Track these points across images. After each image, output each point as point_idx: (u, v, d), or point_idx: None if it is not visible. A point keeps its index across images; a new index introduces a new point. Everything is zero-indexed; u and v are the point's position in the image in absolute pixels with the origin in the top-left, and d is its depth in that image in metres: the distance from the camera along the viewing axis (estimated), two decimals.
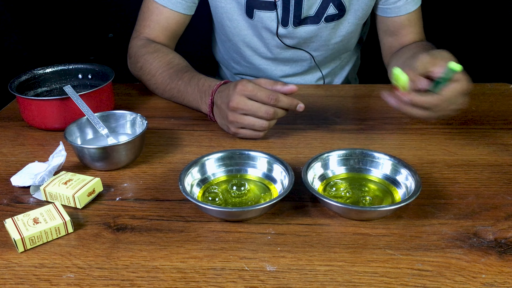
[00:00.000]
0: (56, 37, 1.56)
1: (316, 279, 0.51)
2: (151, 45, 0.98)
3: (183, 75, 0.90)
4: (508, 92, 0.98)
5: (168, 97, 0.94)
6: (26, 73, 0.90)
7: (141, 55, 0.96)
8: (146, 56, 0.96)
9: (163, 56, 0.95)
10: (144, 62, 0.96)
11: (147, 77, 0.96)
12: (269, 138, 0.81)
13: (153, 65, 0.94)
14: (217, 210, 0.59)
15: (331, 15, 0.99)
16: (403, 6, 1.00)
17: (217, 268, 0.53)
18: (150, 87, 0.97)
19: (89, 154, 0.70)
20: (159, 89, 0.95)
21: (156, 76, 0.93)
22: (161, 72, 0.93)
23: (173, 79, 0.91)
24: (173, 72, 0.92)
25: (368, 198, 0.64)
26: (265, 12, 0.98)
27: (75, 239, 0.58)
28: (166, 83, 0.92)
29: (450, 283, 0.51)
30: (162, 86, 0.93)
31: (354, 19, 1.02)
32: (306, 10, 0.98)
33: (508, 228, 0.59)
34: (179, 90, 0.90)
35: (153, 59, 0.95)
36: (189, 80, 0.88)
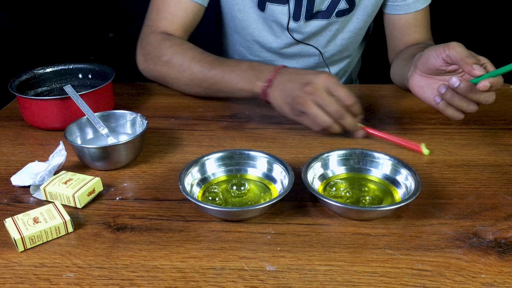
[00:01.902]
0: (56, 37, 1.56)
1: (316, 279, 0.51)
2: (174, 38, 0.94)
3: (225, 61, 0.88)
4: (508, 92, 0.98)
5: (205, 86, 0.89)
6: (26, 72, 0.90)
7: (168, 47, 0.92)
8: (175, 48, 0.91)
9: (193, 47, 0.92)
10: (173, 54, 0.91)
11: (178, 69, 0.91)
12: (269, 138, 0.81)
13: (186, 55, 0.90)
14: (217, 210, 0.59)
15: (342, 10, 0.99)
16: (413, 3, 0.99)
17: (217, 268, 0.53)
18: (179, 81, 0.92)
19: (89, 154, 0.70)
20: (195, 80, 0.89)
21: (192, 65, 0.89)
22: (198, 60, 0.89)
23: (214, 65, 0.87)
24: (213, 59, 0.89)
25: (368, 198, 0.64)
26: (278, 5, 0.97)
27: (75, 238, 0.58)
28: (205, 71, 0.87)
29: (450, 283, 0.51)
30: (200, 75, 0.88)
31: (363, 15, 1.02)
32: (318, 5, 0.97)
33: (508, 228, 0.59)
34: (224, 74, 0.86)
35: (184, 50, 0.91)
36: (237, 63, 0.86)
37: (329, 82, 0.74)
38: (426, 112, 0.90)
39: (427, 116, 0.88)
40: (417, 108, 0.92)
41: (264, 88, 0.81)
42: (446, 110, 0.74)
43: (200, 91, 0.92)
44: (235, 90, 0.86)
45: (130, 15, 1.57)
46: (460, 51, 0.71)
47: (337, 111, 0.74)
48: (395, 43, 1.05)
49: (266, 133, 0.83)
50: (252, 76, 0.83)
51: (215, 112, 0.91)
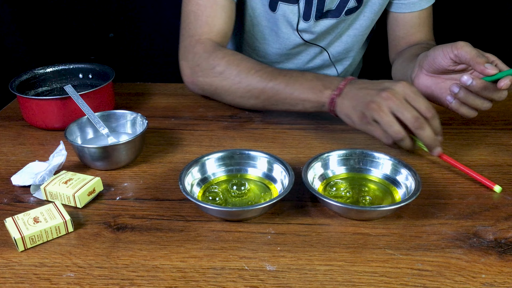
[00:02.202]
0: (56, 37, 1.56)
1: (316, 279, 0.52)
2: (225, 49, 0.90)
3: (288, 72, 0.83)
4: (508, 92, 0.98)
5: (264, 98, 0.83)
6: (27, 72, 0.90)
7: (220, 58, 0.86)
8: (228, 59, 0.86)
9: (247, 58, 0.87)
10: (227, 65, 0.85)
11: (233, 80, 0.85)
12: (269, 138, 0.81)
13: (242, 66, 0.85)
14: (217, 210, 0.59)
15: (351, 8, 0.99)
16: (418, 2, 0.99)
17: (217, 268, 0.53)
18: (235, 93, 0.86)
19: (89, 154, 0.70)
20: (253, 90, 0.84)
21: (250, 76, 0.83)
22: (256, 71, 0.83)
23: (275, 76, 0.82)
24: (273, 70, 0.84)
25: (368, 198, 0.64)
26: (288, 5, 0.97)
27: (75, 238, 0.58)
28: (265, 81, 0.82)
29: (450, 283, 0.51)
30: (258, 86, 0.83)
31: (370, 13, 1.01)
32: (329, 4, 0.97)
33: (508, 228, 0.59)
34: (287, 83, 0.80)
35: (238, 60, 0.86)
36: (300, 73, 0.81)
37: (409, 90, 0.69)
38: None
39: None
40: None
41: (333, 96, 0.75)
42: (460, 109, 0.73)
43: (257, 103, 0.86)
44: (298, 101, 0.80)
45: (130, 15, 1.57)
46: (469, 50, 0.70)
47: (416, 118, 0.66)
48: (397, 42, 1.05)
49: (266, 133, 0.83)
50: (319, 86, 0.78)
51: (215, 112, 0.91)
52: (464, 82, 0.70)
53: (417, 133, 0.67)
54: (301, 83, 0.80)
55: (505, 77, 0.67)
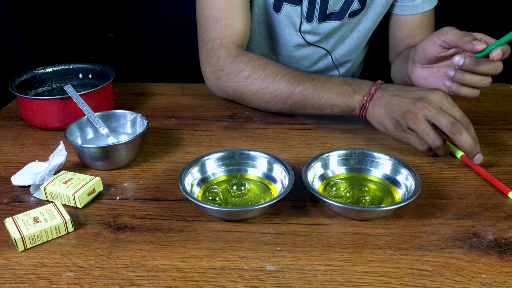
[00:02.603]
0: (56, 37, 1.56)
1: (316, 279, 0.51)
2: (250, 53, 0.88)
3: (316, 76, 0.82)
4: (508, 92, 0.98)
5: (291, 102, 0.83)
6: (27, 72, 0.90)
7: (245, 63, 0.85)
8: (254, 63, 0.85)
9: (273, 62, 0.86)
10: (253, 70, 0.84)
11: (259, 85, 0.84)
12: (269, 138, 0.81)
13: (268, 70, 0.84)
14: (217, 210, 0.59)
15: (354, 11, 0.99)
16: (420, 4, 0.99)
17: (217, 268, 0.53)
18: (262, 96, 0.85)
19: (89, 154, 0.70)
20: (280, 95, 0.83)
21: (277, 80, 0.83)
22: (283, 76, 0.83)
23: (302, 81, 0.81)
24: (300, 74, 0.83)
25: (368, 198, 0.64)
26: (292, 6, 0.96)
27: (75, 238, 0.58)
28: (293, 86, 0.81)
29: (450, 283, 0.51)
30: (286, 91, 0.82)
31: (373, 15, 1.01)
32: (332, 6, 0.97)
33: (508, 228, 0.59)
34: (315, 88, 0.80)
35: (264, 65, 0.85)
36: (329, 78, 0.81)
37: (444, 99, 0.70)
38: None
39: None
40: None
41: (364, 102, 0.75)
42: (460, 91, 0.74)
43: (284, 108, 0.85)
44: (326, 105, 0.80)
45: (130, 15, 1.57)
46: (454, 33, 0.72)
47: (453, 124, 0.67)
48: (398, 44, 1.05)
49: (266, 133, 0.83)
50: (348, 91, 0.78)
51: (215, 112, 0.91)
52: (457, 63, 0.70)
53: (455, 138, 0.68)
54: (329, 87, 0.79)
55: (495, 48, 0.68)
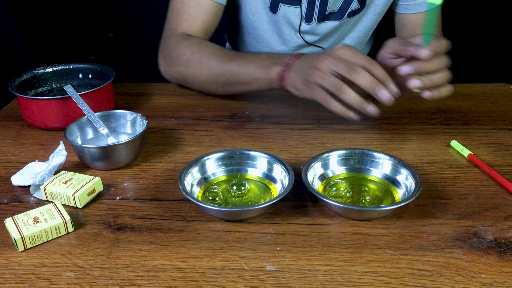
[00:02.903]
0: (56, 37, 1.56)
1: (316, 279, 0.51)
2: (193, 38, 0.94)
3: (244, 54, 0.88)
4: (508, 92, 0.98)
5: (223, 80, 0.88)
6: (27, 72, 0.90)
7: (187, 47, 0.91)
8: (193, 47, 0.91)
9: (212, 45, 0.91)
10: (192, 53, 0.90)
11: (197, 66, 0.90)
12: (269, 138, 0.81)
13: (204, 52, 0.89)
14: (217, 210, 0.59)
15: (354, 10, 0.99)
16: (424, 3, 0.98)
17: (217, 268, 0.53)
18: (199, 78, 0.92)
19: (89, 154, 0.70)
20: (213, 75, 0.88)
21: (211, 60, 0.88)
22: (216, 56, 0.88)
23: (232, 58, 0.87)
24: (231, 53, 0.89)
25: (368, 198, 0.64)
26: (290, 6, 0.97)
27: (75, 238, 0.58)
28: (223, 64, 0.87)
29: (450, 283, 0.51)
30: (218, 69, 0.87)
31: (373, 15, 1.01)
32: (331, 6, 0.97)
33: (508, 228, 0.59)
34: (241, 65, 0.85)
35: (202, 47, 0.90)
36: (255, 54, 0.86)
37: (348, 50, 0.71)
38: (426, 112, 0.90)
39: (427, 116, 0.88)
40: (417, 108, 0.92)
41: (281, 72, 0.79)
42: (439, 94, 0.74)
43: (219, 87, 0.91)
44: (251, 80, 0.84)
45: (130, 15, 1.57)
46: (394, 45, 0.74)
47: (348, 65, 0.68)
48: None
49: (266, 133, 0.83)
50: (269, 64, 0.81)
51: (215, 112, 0.91)
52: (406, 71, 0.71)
53: (354, 78, 0.68)
54: (254, 62, 0.83)
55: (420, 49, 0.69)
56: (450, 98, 0.95)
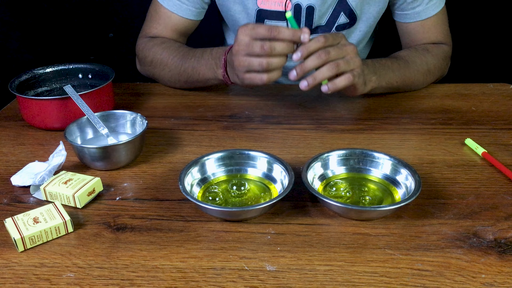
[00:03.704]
0: (56, 37, 1.56)
1: (316, 279, 0.51)
2: (157, 38, 0.99)
3: (195, 53, 0.92)
4: (508, 92, 0.98)
5: (184, 80, 0.94)
6: (26, 72, 0.90)
7: (149, 49, 0.97)
8: (155, 48, 0.96)
9: (171, 44, 0.97)
10: (154, 54, 0.96)
11: (159, 67, 0.96)
12: (269, 138, 0.81)
13: (164, 54, 0.95)
14: (217, 210, 0.59)
15: (342, 24, 0.99)
16: (423, 11, 0.96)
17: (217, 268, 0.53)
18: (164, 78, 0.98)
19: (89, 154, 0.70)
20: (174, 75, 0.95)
21: (169, 62, 0.94)
22: (173, 57, 0.94)
23: (185, 59, 0.92)
24: (184, 53, 0.93)
25: (368, 198, 0.64)
26: (276, 22, 0.97)
27: (75, 238, 0.58)
28: (179, 66, 0.93)
29: (450, 283, 0.51)
30: (176, 70, 0.93)
31: (365, 27, 1.01)
32: (317, 20, 0.97)
33: (508, 228, 0.59)
34: (194, 67, 0.90)
35: (162, 49, 0.96)
36: (201, 54, 0.90)
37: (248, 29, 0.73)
38: (426, 112, 0.90)
39: (427, 116, 0.88)
40: (417, 108, 0.92)
41: (223, 73, 0.85)
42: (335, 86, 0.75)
43: (183, 85, 0.97)
44: (205, 80, 0.90)
45: (130, 15, 1.57)
46: None
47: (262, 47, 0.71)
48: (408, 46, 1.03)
49: (266, 133, 0.83)
50: (214, 65, 0.87)
51: (215, 112, 0.91)
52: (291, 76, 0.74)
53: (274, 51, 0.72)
54: (202, 63, 0.89)
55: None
56: (450, 98, 0.95)
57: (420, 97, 0.96)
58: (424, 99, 0.96)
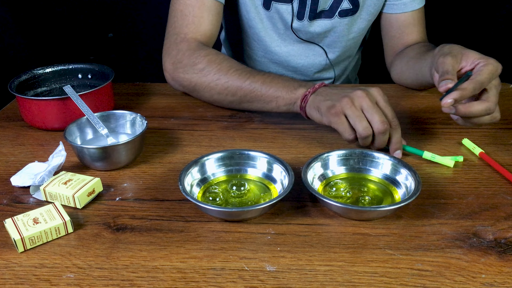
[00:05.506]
0: (56, 37, 1.56)
1: (316, 279, 0.51)
2: (210, 48, 0.92)
3: (266, 73, 0.86)
4: (508, 92, 0.98)
5: (242, 94, 0.86)
6: (26, 73, 0.90)
7: (202, 56, 0.89)
8: (211, 57, 0.88)
9: (229, 58, 0.90)
10: (209, 63, 0.88)
11: (212, 77, 0.87)
12: (269, 138, 0.81)
13: (223, 64, 0.87)
14: (217, 210, 0.59)
15: (345, 10, 1.00)
16: (409, 3, 1.00)
17: (217, 268, 0.53)
18: (214, 88, 0.88)
19: (89, 154, 0.70)
20: (231, 87, 0.86)
21: (230, 73, 0.86)
22: (236, 70, 0.86)
23: (253, 75, 0.85)
24: (251, 70, 0.87)
25: (368, 198, 0.64)
26: (282, 4, 0.98)
27: (75, 239, 0.58)
28: (243, 79, 0.85)
29: (450, 283, 0.51)
30: (237, 83, 0.85)
31: (367, 15, 1.03)
32: (322, 4, 0.98)
33: (508, 228, 0.59)
34: (264, 82, 0.83)
35: (220, 60, 0.88)
36: (278, 75, 0.85)
37: (381, 96, 0.72)
38: (426, 112, 0.90)
39: (427, 116, 0.88)
40: (417, 108, 0.92)
41: (306, 93, 0.78)
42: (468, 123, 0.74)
43: (234, 100, 0.88)
44: (272, 98, 0.82)
45: (130, 15, 1.57)
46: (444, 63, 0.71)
47: (383, 123, 0.69)
48: (394, 43, 1.06)
49: (266, 133, 0.83)
50: (294, 85, 0.81)
51: (215, 112, 0.91)
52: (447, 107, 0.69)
53: (379, 136, 0.71)
54: (277, 82, 0.83)
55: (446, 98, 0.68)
56: None
57: (420, 97, 0.96)
58: (423, 99, 0.96)
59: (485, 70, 0.69)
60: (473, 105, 0.69)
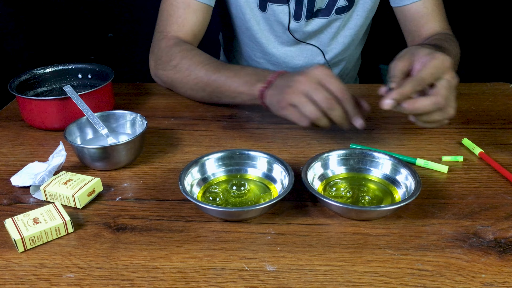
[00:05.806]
0: (56, 37, 1.56)
1: (316, 279, 0.52)
2: (185, 44, 0.94)
3: (231, 66, 0.88)
4: (508, 91, 0.98)
5: (209, 90, 0.88)
6: (26, 73, 0.90)
7: (176, 53, 0.91)
8: (184, 53, 0.91)
9: (202, 53, 0.92)
10: (181, 59, 0.90)
11: (184, 73, 0.90)
12: (269, 138, 0.81)
13: (194, 60, 0.89)
14: (217, 210, 0.59)
15: (341, 7, 1.00)
16: None
17: (217, 268, 0.53)
18: (185, 85, 0.91)
19: (89, 154, 0.70)
20: (200, 83, 0.88)
21: (198, 69, 0.88)
22: (204, 65, 0.88)
23: (219, 69, 0.86)
24: (218, 64, 0.88)
25: (368, 198, 0.64)
26: (278, 5, 0.98)
27: (75, 239, 0.58)
28: (210, 74, 0.86)
29: (450, 283, 0.51)
30: (204, 79, 0.87)
31: (363, 11, 1.02)
32: (319, 3, 0.98)
33: (508, 228, 0.59)
34: (228, 76, 0.84)
35: (192, 55, 0.90)
36: (241, 68, 0.85)
37: (323, 73, 0.70)
38: None
39: None
40: None
41: (262, 89, 0.78)
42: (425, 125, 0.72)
43: (205, 96, 0.90)
44: (235, 93, 0.84)
45: (130, 15, 1.57)
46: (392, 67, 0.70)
47: (326, 99, 0.68)
48: (412, 38, 1.02)
49: (266, 133, 0.83)
50: (253, 80, 0.81)
51: (215, 112, 0.91)
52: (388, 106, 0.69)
53: (329, 113, 0.69)
54: (240, 76, 0.83)
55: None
56: None
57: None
58: None
59: (428, 65, 0.67)
60: (418, 100, 0.67)
